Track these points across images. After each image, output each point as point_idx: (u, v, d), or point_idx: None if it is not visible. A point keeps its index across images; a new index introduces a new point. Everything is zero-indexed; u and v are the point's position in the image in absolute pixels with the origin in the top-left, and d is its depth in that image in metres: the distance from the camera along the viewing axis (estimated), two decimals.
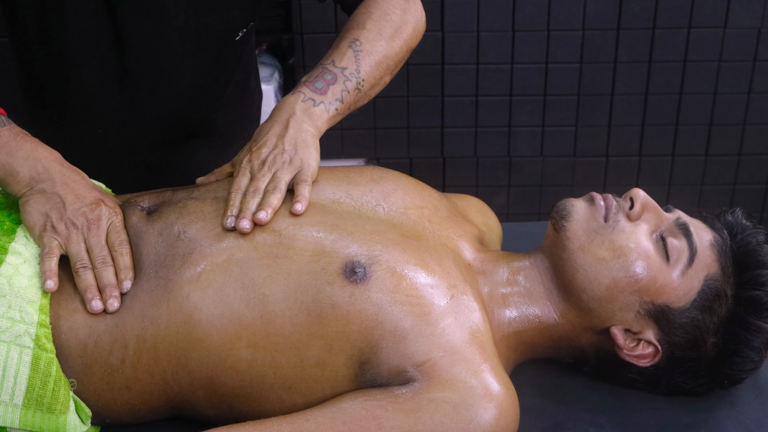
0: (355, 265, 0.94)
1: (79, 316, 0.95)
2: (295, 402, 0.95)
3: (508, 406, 0.91)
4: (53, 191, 1.00)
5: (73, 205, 0.99)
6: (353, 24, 1.23)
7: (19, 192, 1.01)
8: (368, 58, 1.19)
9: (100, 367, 0.95)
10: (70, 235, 0.98)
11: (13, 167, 1.00)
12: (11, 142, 1.01)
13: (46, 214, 0.99)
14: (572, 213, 1.05)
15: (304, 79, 1.15)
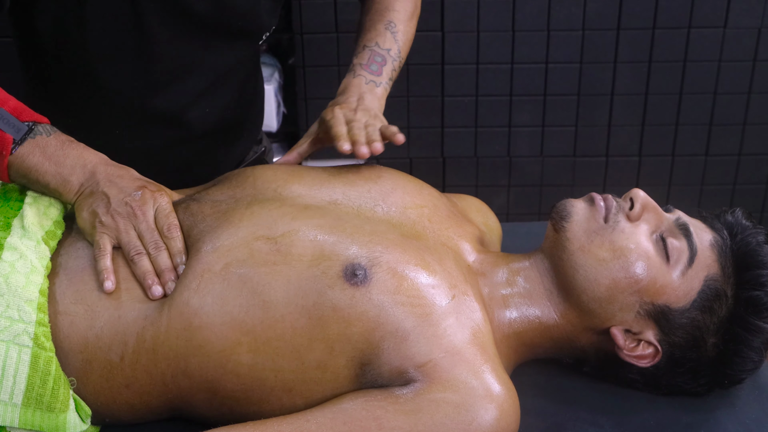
0: (356, 267, 0.94)
1: (79, 308, 0.95)
2: (295, 404, 0.95)
3: (509, 406, 0.91)
4: (99, 191, 1.01)
5: (117, 197, 1.00)
6: (383, 5, 1.35)
7: (72, 200, 1.02)
8: (402, 38, 1.33)
9: (99, 364, 0.95)
10: (117, 225, 0.99)
11: (64, 176, 1.01)
12: (59, 151, 1.02)
13: (94, 211, 1.00)
14: (572, 213, 1.05)
15: (357, 61, 1.29)
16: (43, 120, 1.03)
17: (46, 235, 1.00)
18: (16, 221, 0.99)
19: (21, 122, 1.00)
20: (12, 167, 1.01)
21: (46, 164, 1.01)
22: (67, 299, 0.96)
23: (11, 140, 0.99)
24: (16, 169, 1.01)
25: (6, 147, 0.99)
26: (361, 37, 1.34)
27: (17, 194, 1.04)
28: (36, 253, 0.97)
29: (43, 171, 1.01)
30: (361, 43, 1.33)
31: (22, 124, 1.01)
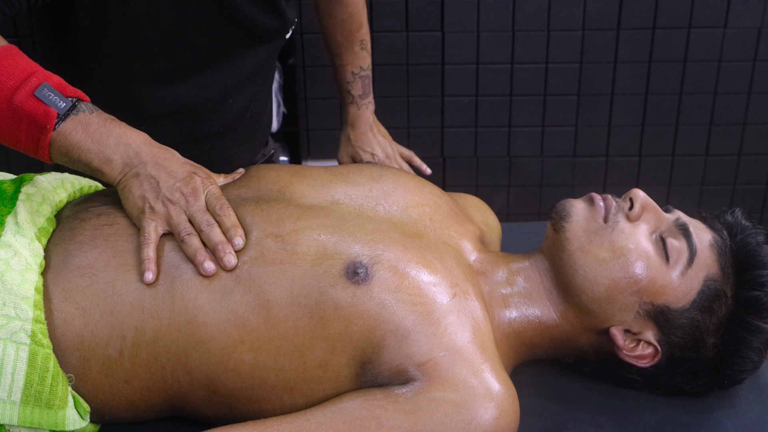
0: (357, 266, 0.94)
1: (69, 306, 0.95)
2: (295, 403, 0.95)
3: (509, 406, 0.92)
4: (146, 173, 0.99)
5: (167, 182, 0.99)
6: (353, 23, 1.52)
7: (115, 179, 1.00)
8: (369, 48, 1.56)
9: (98, 360, 0.95)
10: (169, 211, 0.98)
11: (106, 155, 0.99)
12: (101, 128, 0.99)
13: (143, 196, 0.99)
14: (572, 214, 1.05)
15: (354, 92, 1.55)
16: (85, 97, 1.01)
17: (39, 232, 0.99)
18: (9, 218, 0.99)
19: (65, 97, 0.98)
20: (54, 144, 0.97)
21: (89, 142, 0.98)
22: (57, 298, 0.96)
23: (55, 114, 0.96)
24: (58, 147, 0.98)
25: (50, 121, 0.96)
26: (342, 58, 1.55)
27: (11, 192, 1.04)
28: (30, 250, 0.96)
29: (85, 149, 0.98)
30: (347, 68, 1.55)
31: (66, 99, 0.97)
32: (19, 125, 0.96)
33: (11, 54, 0.98)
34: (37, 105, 0.95)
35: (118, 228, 1.00)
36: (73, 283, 0.96)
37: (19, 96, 0.95)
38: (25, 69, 0.97)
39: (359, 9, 1.54)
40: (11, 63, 0.97)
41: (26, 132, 0.96)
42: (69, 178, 1.13)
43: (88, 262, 0.97)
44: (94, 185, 1.17)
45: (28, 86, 0.96)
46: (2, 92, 0.95)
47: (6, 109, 0.95)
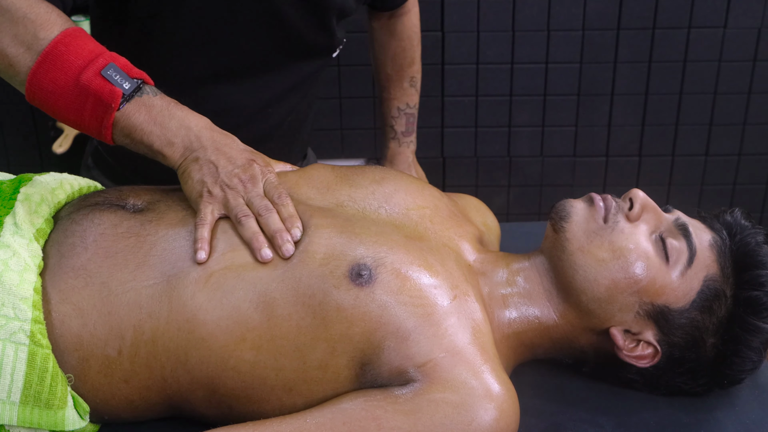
0: (361, 268, 0.94)
1: (67, 307, 0.95)
2: (295, 403, 0.95)
3: (509, 407, 0.91)
4: (206, 158, 1.00)
5: (226, 168, 0.99)
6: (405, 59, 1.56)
7: (176, 163, 1.01)
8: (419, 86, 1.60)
9: (97, 360, 0.95)
10: (226, 196, 0.99)
11: (168, 138, 1.00)
12: (164, 111, 1.00)
13: (201, 180, 0.99)
14: (571, 214, 1.05)
15: (398, 128, 1.61)
16: (149, 80, 1.02)
17: (37, 233, 0.99)
18: (8, 219, 0.99)
19: (131, 78, 0.99)
20: (117, 124, 0.98)
21: (151, 124, 0.99)
22: (55, 299, 0.95)
23: (120, 94, 0.97)
24: (121, 127, 0.99)
25: (115, 100, 0.97)
26: (389, 92, 1.58)
27: (10, 192, 1.04)
28: (29, 251, 0.96)
29: (147, 131, 0.99)
30: (393, 102, 1.59)
31: (131, 80, 0.99)
32: (84, 104, 0.98)
33: (80, 35, 1.00)
34: (103, 84, 0.97)
35: (107, 228, 0.99)
36: (69, 284, 0.96)
37: (86, 75, 0.97)
38: (93, 50, 0.99)
39: (413, 45, 1.56)
40: (79, 44, 0.99)
41: (91, 111, 0.98)
42: (68, 179, 1.13)
43: (81, 264, 0.97)
44: (93, 185, 1.17)
45: (95, 66, 0.97)
46: (70, 71, 0.97)
47: (73, 88, 0.97)
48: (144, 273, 0.96)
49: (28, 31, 0.98)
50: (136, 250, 0.98)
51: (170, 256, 0.97)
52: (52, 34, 0.98)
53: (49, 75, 0.97)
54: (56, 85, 0.98)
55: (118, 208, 1.03)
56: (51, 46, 0.98)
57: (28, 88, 0.99)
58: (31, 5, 1.00)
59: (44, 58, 0.97)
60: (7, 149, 2.78)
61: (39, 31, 0.98)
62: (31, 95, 1.00)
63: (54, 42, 0.98)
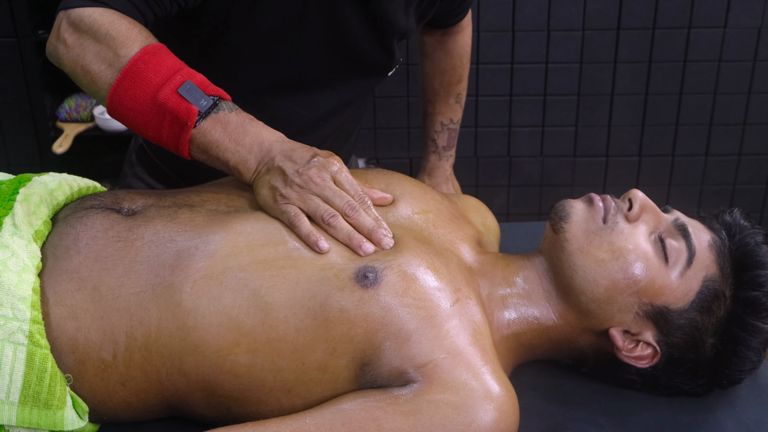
0: (368, 270, 0.94)
1: (62, 310, 0.95)
2: (294, 404, 0.95)
3: (509, 408, 0.91)
4: (274, 166, 1.01)
5: (291, 168, 1.00)
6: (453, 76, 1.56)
7: (250, 179, 1.02)
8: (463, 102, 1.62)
9: (93, 363, 0.95)
10: (301, 195, 0.99)
11: (242, 155, 1.01)
12: (239, 128, 1.01)
13: (272, 186, 1.00)
14: (571, 214, 1.04)
15: (440, 142, 1.63)
16: (226, 96, 1.02)
17: (35, 234, 0.99)
18: (7, 219, 0.99)
19: (207, 95, 1.00)
20: (194, 141, 1.00)
21: (227, 141, 1.00)
22: (51, 300, 0.95)
23: (196, 112, 0.98)
24: (198, 144, 1.00)
25: (191, 118, 0.98)
26: (435, 106, 1.60)
27: (9, 193, 1.04)
28: (27, 251, 0.96)
29: (223, 147, 1.00)
30: (437, 117, 1.61)
31: (208, 98, 1.00)
32: (162, 122, 0.99)
33: (159, 52, 1.01)
34: (179, 102, 0.99)
35: (98, 232, 0.99)
36: (63, 287, 0.96)
37: (163, 93, 0.98)
38: (171, 66, 1.00)
39: (463, 63, 1.56)
40: (158, 61, 1.00)
41: (168, 128, 1.00)
42: (67, 179, 1.12)
43: (73, 267, 0.97)
44: (92, 186, 1.17)
45: (173, 83, 0.99)
46: (148, 88, 0.99)
47: (151, 106, 0.99)
48: (131, 280, 0.96)
49: (109, 48, 1.00)
50: (123, 255, 0.97)
51: (154, 264, 0.96)
52: (132, 51, 1.00)
53: (128, 92, 0.99)
54: (135, 102, 0.99)
55: (112, 211, 1.03)
56: (131, 64, 0.99)
57: (109, 103, 1.01)
58: (113, 22, 1.01)
59: (124, 75, 0.99)
60: (7, 149, 2.79)
61: (120, 49, 1.00)
62: (112, 110, 1.02)
63: (134, 59, 0.99)
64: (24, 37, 2.57)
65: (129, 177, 1.44)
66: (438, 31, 1.51)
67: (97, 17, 1.01)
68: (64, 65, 1.04)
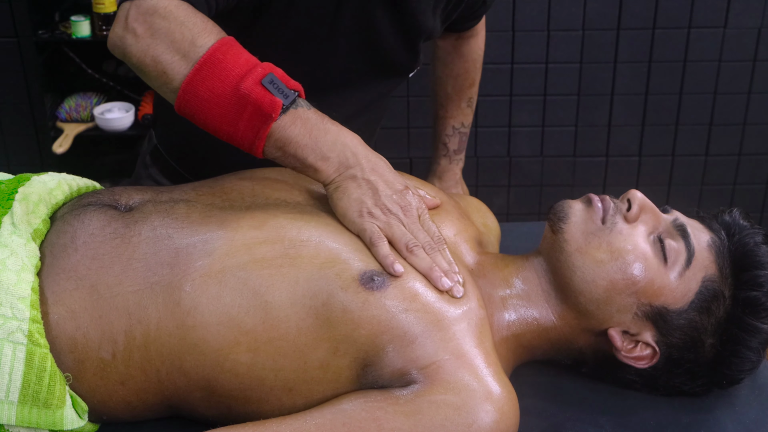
0: (375, 274, 0.94)
1: (60, 309, 0.95)
2: (294, 403, 0.94)
3: (509, 409, 0.91)
4: (363, 177, 0.99)
5: (385, 191, 0.99)
6: (466, 80, 1.56)
7: (328, 178, 1.00)
8: (474, 106, 1.62)
9: (92, 362, 0.95)
10: (389, 220, 0.98)
11: (323, 152, 0.99)
12: (319, 125, 0.99)
13: (360, 200, 0.99)
14: (569, 215, 1.04)
15: (451, 146, 1.60)
16: (302, 93, 1.00)
17: (34, 233, 0.99)
18: (6, 218, 0.99)
19: (289, 89, 0.98)
20: (272, 136, 0.97)
21: (306, 138, 0.98)
22: (50, 299, 0.95)
23: (281, 105, 0.96)
24: (276, 139, 0.97)
25: (275, 111, 0.96)
26: (447, 110, 1.58)
27: (8, 192, 1.04)
28: (26, 251, 0.96)
29: (302, 144, 0.98)
30: (449, 121, 1.59)
31: (289, 92, 0.98)
32: (241, 113, 0.96)
33: (235, 44, 0.99)
34: (263, 94, 0.96)
35: (95, 229, 0.99)
36: (61, 286, 0.96)
37: (246, 83, 0.96)
38: (249, 59, 0.98)
39: (476, 67, 1.57)
40: (236, 53, 0.98)
41: (248, 120, 0.97)
42: (66, 179, 1.12)
43: (71, 266, 0.97)
44: (92, 186, 1.17)
45: (255, 75, 0.97)
46: (228, 79, 0.96)
47: (231, 96, 0.96)
48: (129, 278, 0.96)
49: (185, 38, 0.98)
50: (120, 252, 0.97)
51: (151, 262, 0.96)
52: (210, 42, 0.98)
53: (205, 83, 0.96)
54: (213, 93, 0.96)
55: (109, 208, 1.02)
56: (208, 54, 0.97)
57: (181, 95, 0.98)
58: (189, 14, 0.99)
59: (201, 65, 0.97)
60: (7, 149, 2.78)
61: (197, 39, 0.98)
62: (184, 103, 0.98)
63: (212, 50, 0.97)
64: (24, 37, 2.57)
65: (143, 178, 1.44)
66: (453, 35, 1.51)
67: (172, 8, 0.99)
68: (131, 56, 1.00)
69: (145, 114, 2.64)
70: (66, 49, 2.65)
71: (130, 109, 2.66)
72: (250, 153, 0.99)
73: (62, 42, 2.58)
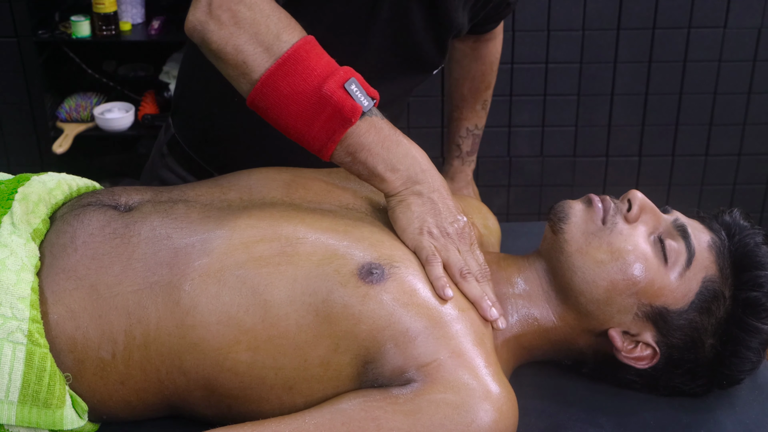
0: (373, 267, 0.94)
1: (60, 309, 0.95)
2: (294, 402, 0.94)
3: (508, 408, 0.91)
4: (428, 195, 1.00)
5: (446, 214, 1.00)
6: (483, 82, 1.59)
7: (394, 190, 1.01)
8: (488, 108, 1.63)
9: (92, 362, 0.95)
10: (446, 243, 0.99)
11: (393, 163, 1.00)
12: (391, 136, 1.00)
13: (423, 217, 1.00)
14: (570, 215, 1.04)
15: (465, 147, 1.60)
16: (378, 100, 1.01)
17: (34, 233, 0.99)
18: (5, 218, 0.99)
19: (368, 96, 0.98)
20: (345, 141, 0.98)
21: (378, 147, 0.99)
22: (49, 299, 0.95)
23: (360, 110, 0.97)
24: (348, 144, 0.98)
25: (355, 115, 0.96)
26: (462, 112, 1.59)
27: (8, 192, 1.04)
28: (26, 250, 0.96)
29: (374, 152, 0.99)
30: (463, 123, 1.60)
31: (369, 99, 0.98)
32: (319, 114, 0.97)
33: (317, 45, 1.00)
34: (345, 97, 0.97)
35: (95, 229, 0.99)
36: (61, 286, 0.96)
37: (329, 85, 0.96)
38: (330, 61, 0.99)
39: (493, 70, 1.58)
40: (318, 53, 0.98)
41: (325, 122, 0.97)
42: (66, 179, 1.12)
43: (71, 265, 0.97)
44: (91, 186, 1.17)
45: (338, 77, 0.97)
46: (311, 78, 0.96)
47: (312, 95, 0.96)
48: (128, 278, 0.96)
49: (270, 31, 0.98)
50: (120, 252, 0.97)
51: (151, 262, 0.96)
52: (294, 38, 0.98)
53: (287, 79, 0.97)
54: (293, 90, 0.97)
55: (108, 208, 1.02)
56: (293, 50, 0.97)
57: (258, 87, 0.98)
58: (273, 7, 0.99)
59: (285, 61, 0.97)
60: (7, 149, 2.78)
61: (282, 33, 0.98)
62: (260, 96, 0.98)
63: (296, 46, 0.97)
64: (24, 37, 2.57)
65: (158, 167, 1.43)
66: (471, 38, 1.51)
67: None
68: (210, 42, 1.00)
69: (145, 114, 2.64)
70: (66, 49, 2.65)
71: (130, 109, 2.66)
72: (317, 155, 1.00)
73: (62, 42, 2.58)
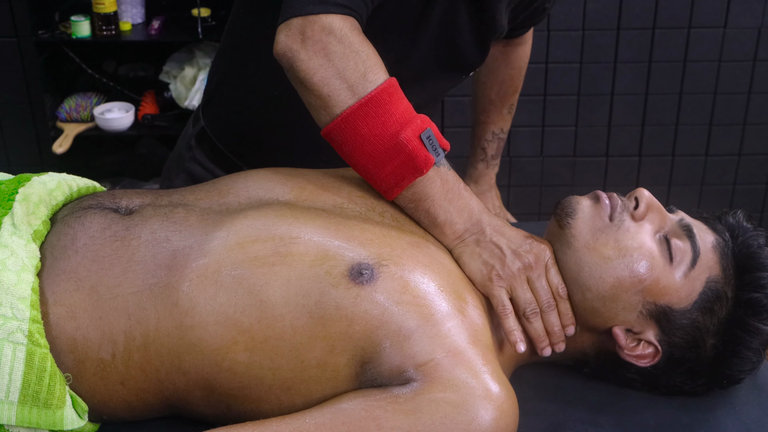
0: (362, 267, 0.94)
1: (60, 309, 0.95)
2: (293, 402, 0.95)
3: (508, 407, 0.91)
4: (487, 240, 1.02)
5: (509, 248, 1.02)
6: (511, 86, 1.58)
7: (453, 242, 1.04)
8: (513, 112, 1.63)
9: (92, 363, 0.95)
10: (515, 281, 1.01)
11: (452, 216, 1.03)
12: (454, 188, 1.03)
13: (487, 263, 1.01)
14: (578, 211, 1.04)
15: (489, 151, 1.61)
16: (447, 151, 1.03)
17: (34, 234, 0.99)
18: (6, 219, 0.99)
19: (440, 147, 1.01)
20: (412, 187, 1.01)
21: (442, 198, 1.02)
22: (50, 300, 0.95)
23: (432, 163, 1.00)
24: (413, 192, 1.02)
25: (427, 167, 0.99)
26: (488, 116, 1.60)
27: (8, 193, 1.04)
28: (26, 251, 0.96)
29: (437, 204, 1.02)
30: (489, 126, 1.60)
31: (440, 151, 1.01)
32: (392, 158, 1.00)
33: (398, 88, 1.01)
34: (419, 148, 0.99)
35: (96, 231, 0.99)
36: (61, 287, 0.96)
37: (406, 133, 0.98)
38: (408, 107, 1.01)
39: (521, 75, 1.59)
40: (399, 97, 1.00)
41: (396, 167, 1.00)
42: (66, 179, 1.12)
43: (71, 267, 0.97)
44: (92, 186, 1.17)
45: (416, 126, 0.99)
46: (389, 124, 0.99)
47: (388, 140, 0.99)
48: (128, 280, 0.96)
49: (357, 69, 0.99)
50: (120, 254, 0.97)
51: (150, 264, 0.96)
52: (379, 79, 0.99)
53: (367, 120, 0.98)
54: (371, 132, 0.98)
55: (109, 211, 1.03)
56: (376, 93, 0.98)
57: (337, 123, 0.99)
58: (362, 42, 1.00)
59: (367, 102, 0.98)
60: (7, 149, 2.79)
61: (368, 73, 0.99)
62: (337, 131, 1.00)
63: (379, 89, 0.99)
64: (24, 37, 2.57)
65: (186, 160, 1.43)
66: (501, 42, 1.51)
67: (347, 31, 0.99)
68: (298, 71, 1.00)
69: (145, 114, 2.64)
70: (66, 49, 2.65)
71: (130, 109, 2.66)
72: (382, 193, 1.04)
73: (62, 42, 2.57)
